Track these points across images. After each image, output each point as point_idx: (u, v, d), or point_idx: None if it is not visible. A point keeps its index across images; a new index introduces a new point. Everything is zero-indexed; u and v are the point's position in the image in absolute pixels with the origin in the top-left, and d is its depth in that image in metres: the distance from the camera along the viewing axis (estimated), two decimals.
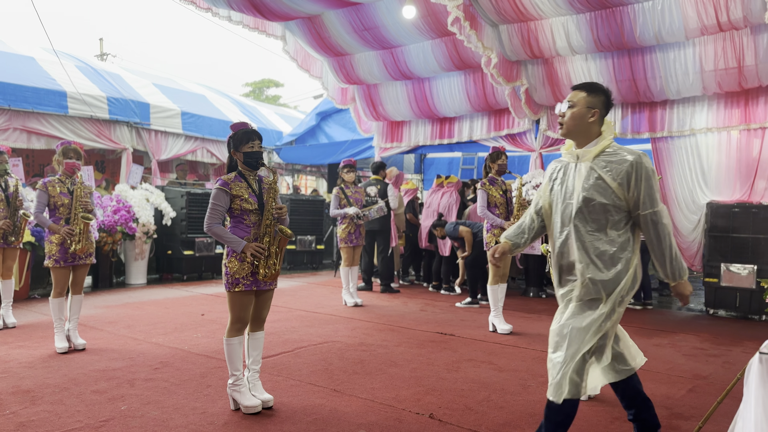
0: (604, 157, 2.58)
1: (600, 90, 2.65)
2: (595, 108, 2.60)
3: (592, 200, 2.54)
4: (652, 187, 2.52)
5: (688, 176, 7.46)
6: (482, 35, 7.40)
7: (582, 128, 2.61)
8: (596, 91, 2.63)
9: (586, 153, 2.60)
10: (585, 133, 2.62)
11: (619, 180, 2.52)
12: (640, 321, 6.57)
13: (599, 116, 2.62)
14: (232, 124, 3.63)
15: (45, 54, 10.39)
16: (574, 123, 2.61)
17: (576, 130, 2.62)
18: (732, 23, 6.31)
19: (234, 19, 8.61)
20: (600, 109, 2.61)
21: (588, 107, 2.60)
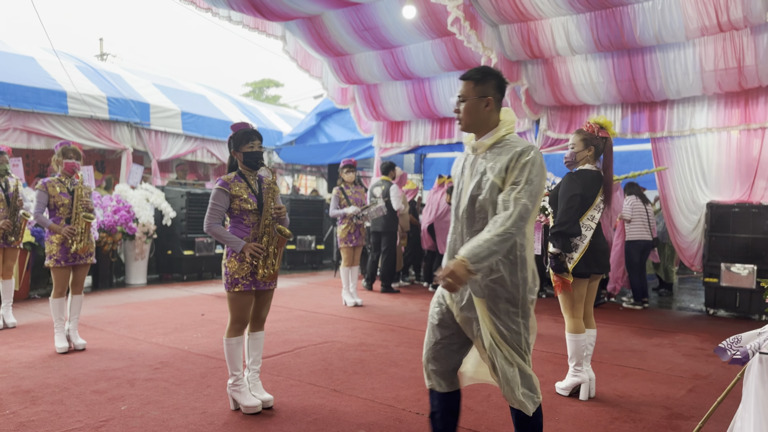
0: (496, 149, 2.34)
1: (489, 75, 2.41)
2: (488, 96, 2.38)
3: (477, 197, 2.31)
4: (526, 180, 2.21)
5: (688, 176, 7.46)
6: (482, 35, 7.40)
7: (479, 120, 2.39)
8: (485, 78, 2.40)
9: (480, 145, 2.39)
10: (483, 124, 2.39)
11: (500, 174, 2.27)
12: (640, 321, 6.57)
13: (494, 103, 2.39)
14: (233, 124, 3.63)
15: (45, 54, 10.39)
16: (469, 116, 2.40)
17: (473, 123, 2.41)
18: (732, 23, 6.31)
19: (234, 19, 8.61)
20: (493, 96, 2.39)
21: (480, 97, 2.38)
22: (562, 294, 3.82)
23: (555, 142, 8.57)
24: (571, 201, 3.70)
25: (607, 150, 3.82)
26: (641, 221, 7.48)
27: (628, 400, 3.81)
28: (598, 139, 3.82)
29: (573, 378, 3.84)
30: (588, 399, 3.79)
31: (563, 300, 3.85)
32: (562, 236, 3.71)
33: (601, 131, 3.81)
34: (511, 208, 2.18)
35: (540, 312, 6.95)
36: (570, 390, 3.86)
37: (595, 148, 3.83)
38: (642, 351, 5.16)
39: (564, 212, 3.71)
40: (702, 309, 7.42)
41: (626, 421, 3.45)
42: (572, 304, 3.81)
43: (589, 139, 3.83)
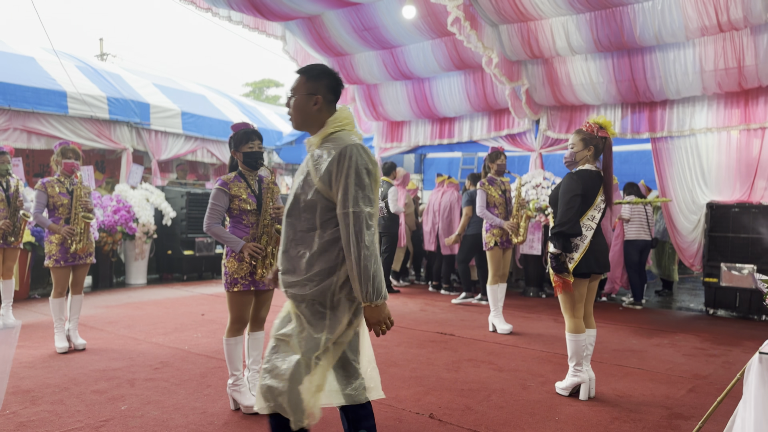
0: (322, 148, 2.21)
1: (323, 73, 2.30)
2: (317, 94, 2.25)
3: (300, 196, 2.20)
4: (354, 184, 2.08)
5: (688, 176, 7.46)
6: (482, 35, 7.40)
7: (309, 119, 2.28)
8: (318, 76, 2.29)
9: (309, 144, 2.29)
10: (314, 123, 2.28)
11: (324, 179, 2.14)
12: (640, 321, 6.57)
13: (323, 102, 2.26)
14: (233, 124, 3.63)
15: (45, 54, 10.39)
16: (298, 113, 2.28)
17: (302, 120, 2.29)
18: (732, 23, 6.31)
19: (234, 19, 8.61)
20: (324, 95, 2.26)
21: (309, 94, 2.26)
22: (563, 294, 3.82)
23: (555, 142, 8.57)
24: (571, 201, 3.70)
25: (606, 150, 3.82)
26: (640, 221, 7.49)
27: (628, 400, 3.81)
28: (597, 138, 3.82)
29: (573, 378, 3.84)
30: (588, 399, 3.79)
31: (563, 300, 3.85)
32: (563, 236, 3.71)
33: (601, 131, 3.81)
34: (351, 224, 2.06)
35: (540, 312, 6.96)
36: (570, 390, 3.86)
37: (595, 148, 3.83)
38: (642, 351, 5.16)
39: (564, 212, 3.71)
40: (702, 309, 7.42)
41: (626, 421, 3.45)
42: (572, 304, 3.81)
43: (588, 139, 3.83)
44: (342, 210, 2.08)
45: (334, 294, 2.15)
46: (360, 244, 2.05)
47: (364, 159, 2.12)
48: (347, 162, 2.09)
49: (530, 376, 4.29)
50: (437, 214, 8.30)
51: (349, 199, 2.07)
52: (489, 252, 5.79)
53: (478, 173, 7.91)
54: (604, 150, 3.82)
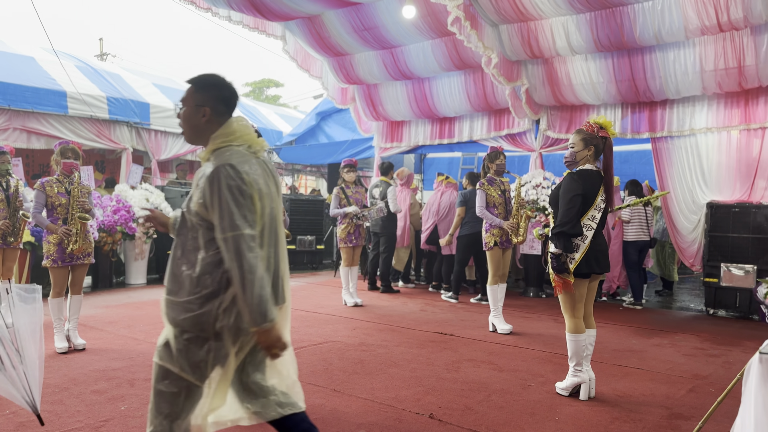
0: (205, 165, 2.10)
1: (213, 85, 2.18)
2: (205, 106, 2.13)
3: (185, 215, 2.11)
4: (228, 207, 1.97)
5: (688, 176, 7.46)
6: (482, 35, 7.40)
7: (198, 132, 2.16)
8: (207, 87, 2.17)
9: (200, 158, 2.17)
10: (203, 136, 2.16)
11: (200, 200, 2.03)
12: (640, 321, 6.57)
13: (212, 115, 2.14)
14: None
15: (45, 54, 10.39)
16: (187, 126, 2.16)
17: (192, 134, 2.17)
18: (732, 23, 6.31)
19: (234, 19, 8.61)
20: (213, 107, 2.14)
21: (197, 106, 2.14)
22: (563, 294, 3.82)
23: (555, 142, 8.57)
24: (572, 201, 3.70)
25: (607, 150, 3.82)
26: (639, 222, 7.49)
27: (628, 400, 3.81)
28: (597, 138, 3.82)
29: (573, 378, 3.84)
30: (588, 399, 3.79)
31: (564, 300, 3.84)
32: (564, 236, 3.70)
33: (601, 131, 3.80)
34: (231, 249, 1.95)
35: (540, 312, 6.96)
36: (570, 390, 3.86)
37: (595, 148, 3.83)
38: (642, 351, 5.16)
39: (565, 212, 3.70)
40: (702, 309, 7.42)
41: (626, 421, 3.45)
42: (573, 305, 3.81)
43: (588, 139, 3.83)
44: (221, 235, 1.98)
45: (216, 319, 2.03)
46: (242, 268, 1.94)
47: (234, 180, 1.99)
48: (217, 185, 1.98)
49: (530, 376, 4.29)
50: (436, 214, 8.30)
51: (226, 223, 1.97)
52: (489, 252, 5.78)
53: (476, 173, 7.93)
54: (605, 150, 3.82)
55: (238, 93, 2.27)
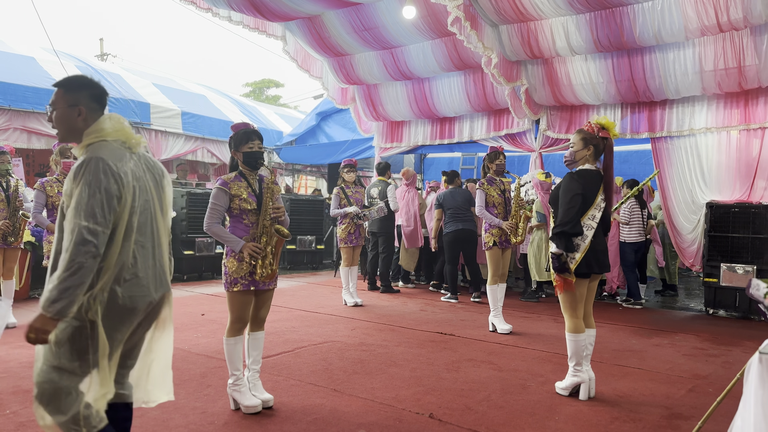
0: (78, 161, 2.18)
1: (82, 85, 2.26)
2: (79, 105, 2.22)
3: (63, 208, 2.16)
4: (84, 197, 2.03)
5: (687, 176, 7.46)
6: (482, 35, 7.41)
7: (73, 130, 2.23)
8: (77, 87, 2.24)
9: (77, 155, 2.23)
10: (79, 134, 2.24)
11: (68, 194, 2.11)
12: (640, 321, 6.57)
13: (88, 113, 2.23)
14: (233, 124, 3.64)
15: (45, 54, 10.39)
16: (61, 126, 2.24)
17: (67, 133, 2.25)
18: (732, 24, 6.31)
19: (234, 19, 8.61)
20: (86, 105, 2.23)
21: (70, 106, 2.22)
22: (563, 294, 3.82)
23: (555, 142, 8.57)
24: (572, 201, 3.70)
25: (607, 150, 3.81)
26: (637, 223, 7.50)
27: (628, 400, 3.82)
28: (597, 138, 3.81)
29: (573, 378, 3.84)
30: (588, 399, 3.79)
31: (564, 300, 3.85)
32: (565, 236, 3.70)
33: (602, 131, 3.80)
34: (72, 236, 2.01)
35: (540, 312, 6.96)
36: (570, 390, 3.86)
37: (594, 148, 3.82)
38: (642, 351, 5.16)
39: (566, 212, 3.70)
40: (702, 309, 7.43)
41: (626, 420, 3.45)
42: (573, 304, 3.81)
43: (588, 139, 3.83)
44: (69, 219, 2.04)
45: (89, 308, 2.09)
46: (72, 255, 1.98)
47: (98, 175, 2.05)
48: (81, 174, 2.06)
49: (530, 376, 4.29)
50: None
51: (76, 211, 2.02)
52: (488, 252, 5.78)
53: (453, 171, 7.98)
54: (605, 150, 3.81)
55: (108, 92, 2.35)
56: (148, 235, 2.25)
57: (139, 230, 2.21)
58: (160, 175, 2.38)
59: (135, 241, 2.18)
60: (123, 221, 2.13)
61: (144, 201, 2.23)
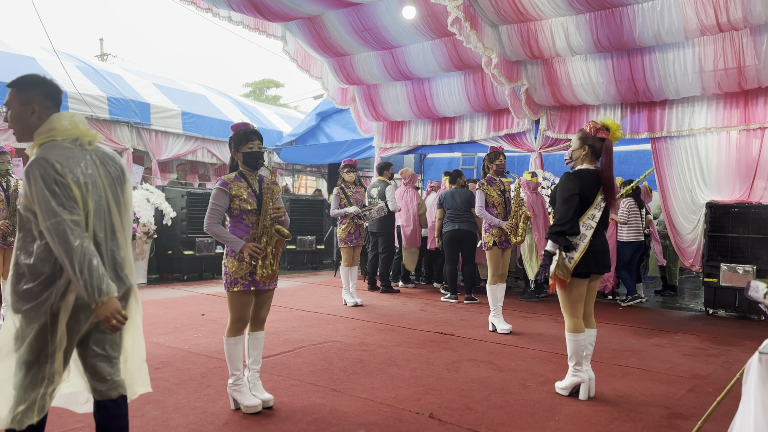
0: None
1: (35, 83, 2.29)
2: (32, 103, 2.26)
3: (19, 209, 2.24)
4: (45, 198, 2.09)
5: (687, 176, 7.47)
6: (482, 35, 7.41)
7: (29, 129, 2.27)
8: (29, 86, 2.28)
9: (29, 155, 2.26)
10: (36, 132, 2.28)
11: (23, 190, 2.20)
12: (640, 321, 6.58)
13: (41, 110, 2.27)
14: (233, 124, 3.63)
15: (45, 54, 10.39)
16: (17, 125, 2.28)
17: (23, 132, 2.28)
18: (732, 24, 6.32)
19: (234, 19, 8.62)
20: (40, 103, 2.27)
21: (23, 104, 2.26)
22: (562, 293, 3.82)
23: (555, 142, 8.57)
24: (569, 201, 3.70)
25: (604, 151, 3.76)
26: (635, 223, 7.51)
27: (628, 400, 3.82)
28: (594, 138, 3.80)
29: (572, 378, 3.84)
30: (587, 399, 3.79)
31: (563, 300, 3.85)
32: (562, 236, 3.71)
33: (600, 132, 3.78)
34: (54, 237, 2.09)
35: (540, 312, 6.96)
36: (570, 390, 3.86)
37: (591, 148, 3.81)
38: (642, 351, 5.16)
39: (564, 212, 3.70)
40: (702, 309, 7.43)
41: (626, 420, 3.45)
42: (572, 304, 3.82)
43: (584, 138, 3.83)
44: (43, 224, 2.11)
45: (54, 303, 2.16)
46: (68, 251, 2.07)
47: (46, 170, 2.12)
48: (33, 177, 2.12)
49: (530, 376, 4.29)
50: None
51: (45, 213, 2.10)
52: (488, 252, 5.79)
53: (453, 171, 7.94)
54: (603, 151, 3.78)
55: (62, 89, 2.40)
56: (101, 231, 2.28)
57: (94, 226, 2.25)
58: (118, 170, 2.41)
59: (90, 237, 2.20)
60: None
61: (98, 197, 2.27)
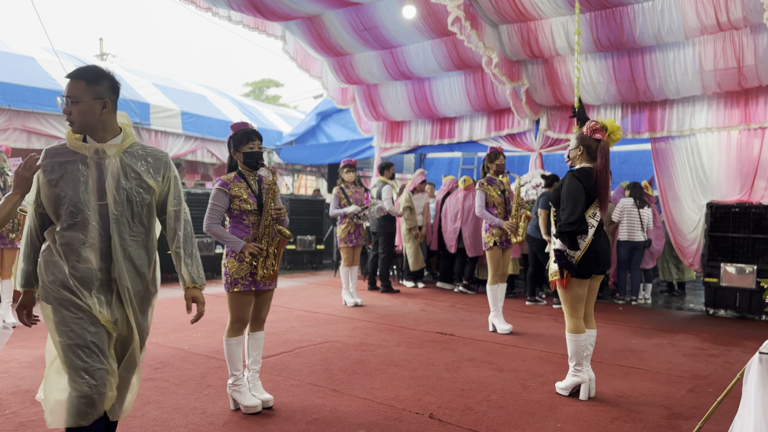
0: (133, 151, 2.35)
1: (102, 76, 2.28)
2: (104, 98, 2.26)
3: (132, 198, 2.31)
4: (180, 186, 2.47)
5: (688, 176, 7.46)
6: (483, 35, 7.40)
7: (96, 123, 2.28)
8: (99, 79, 2.27)
9: (110, 147, 2.29)
10: (102, 127, 2.29)
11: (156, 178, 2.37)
12: (640, 321, 6.57)
13: (111, 105, 2.30)
14: (233, 124, 3.63)
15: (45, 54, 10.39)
16: (83, 118, 2.25)
17: (88, 127, 2.28)
18: (732, 23, 6.31)
19: (234, 19, 8.61)
20: (109, 98, 2.28)
21: (95, 99, 2.24)
22: (563, 294, 3.82)
23: (555, 142, 8.57)
24: (577, 199, 3.68)
25: (600, 152, 3.74)
26: (631, 223, 7.50)
27: (628, 400, 3.82)
28: (590, 139, 3.79)
29: (573, 378, 3.84)
30: (588, 399, 3.79)
31: (564, 300, 3.84)
32: (570, 235, 3.70)
33: (597, 132, 3.76)
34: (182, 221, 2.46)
35: (540, 312, 6.96)
36: (570, 390, 3.86)
37: (586, 148, 3.79)
38: (642, 351, 5.16)
39: (572, 211, 3.67)
40: (702, 309, 7.42)
41: (626, 420, 3.45)
42: (573, 304, 3.81)
43: (581, 138, 3.82)
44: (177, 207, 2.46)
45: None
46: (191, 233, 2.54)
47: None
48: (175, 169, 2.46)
49: (530, 376, 4.29)
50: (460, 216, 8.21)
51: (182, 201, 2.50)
52: (488, 252, 5.78)
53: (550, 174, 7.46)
54: (598, 151, 3.75)
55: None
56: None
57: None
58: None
59: None
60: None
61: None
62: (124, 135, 2.35)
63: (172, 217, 2.43)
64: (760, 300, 6.65)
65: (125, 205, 2.29)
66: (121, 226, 2.29)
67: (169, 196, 2.42)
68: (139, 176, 2.32)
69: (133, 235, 2.33)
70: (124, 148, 2.33)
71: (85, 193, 2.25)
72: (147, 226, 2.39)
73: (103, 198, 2.27)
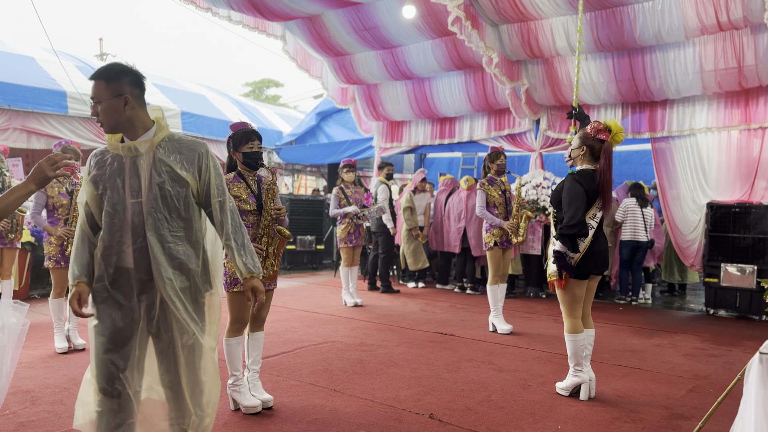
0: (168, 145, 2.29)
1: (122, 72, 2.24)
2: (124, 94, 2.21)
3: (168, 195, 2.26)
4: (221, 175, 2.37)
5: (688, 176, 7.46)
6: (483, 35, 7.40)
7: (123, 121, 2.24)
8: (118, 76, 2.23)
9: (144, 144, 2.25)
10: (131, 124, 2.26)
11: (191, 171, 2.28)
12: (640, 321, 6.57)
13: (134, 100, 2.24)
14: (232, 124, 3.62)
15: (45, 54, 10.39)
16: (108, 118, 2.23)
17: (116, 125, 2.24)
18: (732, 23, 6.31)
19: (234, 19, 8.61)
20: (130, 92, 2.23)
21: (115, 96, 2.21)
22: (561, 294, 3.81)
23: (555, 142, 8.57)
24: (578, 202, 3.67)
25: (603, 152, 3.72)
26: (635, 223, 7.50)
27: (628, 400, 3.81)
28: (593, 139, 3.77)
29: (573, 378, 3.84)
30: (588, 399, 3.79)
31: (562, 300, 3.84)
32: (570, 237, 3.69)
33: (601, 133, 3.76)
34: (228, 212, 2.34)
35: (540, 312, 6.96)
36: (570, 390, 3.86)
37: (589, 149, 3.78)
38: (642, 351, 5.16)
39: (574, 213, 3.66)
40: (702, 309, 7.42)
41: (626, 421, 3.45)
42: (571, 305, 3.81)
43: (584, 138, 3.81)
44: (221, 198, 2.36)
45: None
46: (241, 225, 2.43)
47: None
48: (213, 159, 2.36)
49: (530, 377, 4.29)
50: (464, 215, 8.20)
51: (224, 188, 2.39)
52: (489, 252, 5.78)
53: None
54: (601, 152, 3.74)
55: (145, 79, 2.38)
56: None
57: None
58: None
59: None
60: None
61: None
62: (156, 128, 2.29)
63: (217, 209, 2.31)
64: (760, 300, 6.65)
65: (159, 200, 2.23)
66: (158, 222, 2.23)
67: (211, 188, 2.31)
68: (171, 169, 2.25)
69: (173, 230, 2.26)
70: (157, 142, 2.27)
71: (121, 192, 2.25)
72: (188, 220, 2.30)
73: (137, 196, 2.24)
